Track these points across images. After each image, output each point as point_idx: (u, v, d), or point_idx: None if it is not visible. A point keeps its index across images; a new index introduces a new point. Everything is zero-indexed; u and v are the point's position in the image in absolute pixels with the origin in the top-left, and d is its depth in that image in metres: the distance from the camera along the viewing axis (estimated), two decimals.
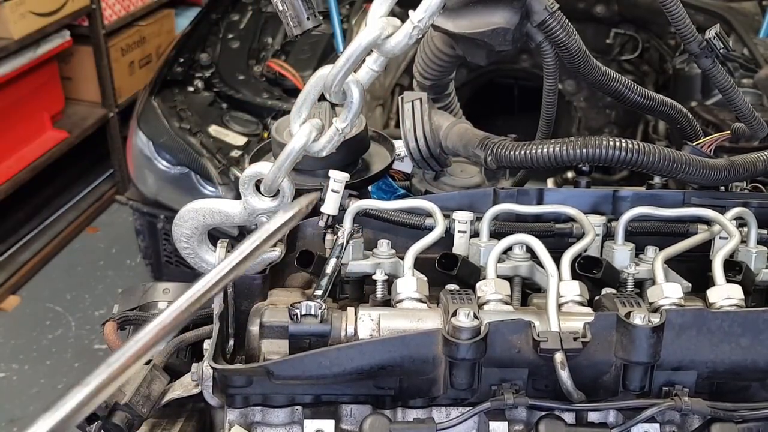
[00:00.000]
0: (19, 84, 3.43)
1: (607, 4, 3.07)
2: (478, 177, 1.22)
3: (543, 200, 1.01)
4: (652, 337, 0.77)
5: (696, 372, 0.81)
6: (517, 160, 1.01)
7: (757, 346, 0.80)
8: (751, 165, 1.03)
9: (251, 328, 0.89)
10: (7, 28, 3.21)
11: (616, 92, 1.08)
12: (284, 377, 0.80)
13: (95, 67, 3.81)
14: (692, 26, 1.01)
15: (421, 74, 1.23)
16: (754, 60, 2.48)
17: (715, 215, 0.95)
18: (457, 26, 1.03)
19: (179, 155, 2.55)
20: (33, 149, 3.55)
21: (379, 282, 0.90)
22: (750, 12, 2.79)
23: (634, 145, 0.96)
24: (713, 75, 1.04)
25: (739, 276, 0.91)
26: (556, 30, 1.01)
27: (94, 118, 3.85)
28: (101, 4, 3.72)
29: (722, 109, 2.33)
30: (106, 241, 3.80)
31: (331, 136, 0.83)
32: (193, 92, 2.79)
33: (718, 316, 0.80)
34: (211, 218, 0.89)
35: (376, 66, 0.79)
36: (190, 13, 3.94)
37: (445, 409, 0.83)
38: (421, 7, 0.76)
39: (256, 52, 2.96)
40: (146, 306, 1.02)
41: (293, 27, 0.88)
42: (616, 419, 0.82)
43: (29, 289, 3.49)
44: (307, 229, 1.00)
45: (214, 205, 0.89)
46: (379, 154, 1.16)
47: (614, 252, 0.95)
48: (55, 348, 3.16)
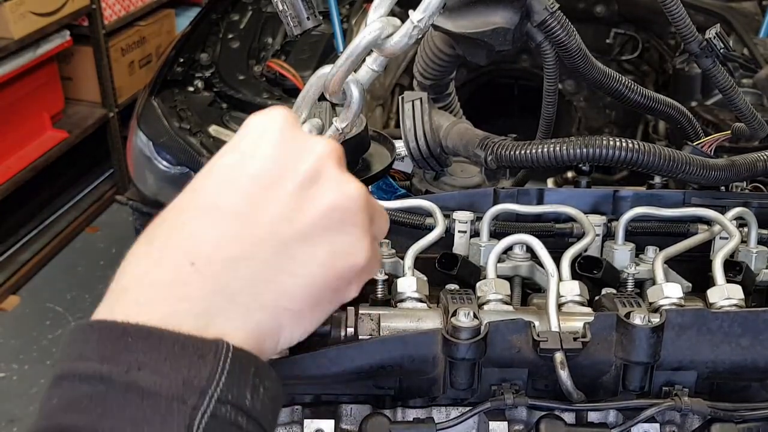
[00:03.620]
0: (19, 84, 3.43)
1: (607, 3, 3.06)
2: (478, 177, 1.22)
3: (543, 200, 1.01)
4: (652, 337, 0.77)
5: (696, 372, 0.81)
6: (518, 160, 1.01)
7: (757, 346, 0.80)
8: (751, 165, 1.03)
9: None
10: (7, 28, 3.21)
11: (617, 92, 1.07)
12: (284, 377, 0.80)
13: (95, 67, 3.81)
14: (692, 26, 1.01)
15: (422, 74, 1.23)
16: (754, 60, 2.48)
17: (716, 215, 0.94)
18: (457, 26, 1.03)
19: (179, 155, 2.55)
20: (33, 149, 3.55)
21: (379, 282, 0.90)
22: (750, 12, 2.79)
23: (634, 144, 0.95)
24: (713, 75, 1.04)
25: (740, 276, 0.91)
26: (556, 30, 1.01)
27: (94, 118, 3.85)
28: (101, 4, 3.72)
29: (722, 109, 2.33)
30: (106, 241, 3.80)
31: (331, 136, 0.83)
32: (193, 92, 2.79)
33: (718, 316, 0.80)
34: None
35: (376, 66, 0.79)
36: (190, 13, 3.94)
37: (444, 408, 0.83)
38: (421, 7, 0.76)
39: (256, 52, 2.96)
40: None
41: (293, 27, 0.88)
42: (616, 419, 0.82)
43: (29, 289, 3.49)
44: None
45: None
46: (380, 154, 1.16)
47: (614, 252, 0.95)
48: (55, 348, 3.16)
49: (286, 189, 0.55)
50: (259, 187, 0.55)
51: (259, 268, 0.54)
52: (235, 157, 0.57)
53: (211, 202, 0.55)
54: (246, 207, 0.54)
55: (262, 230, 0.54)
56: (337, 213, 0.56)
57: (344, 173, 0.59)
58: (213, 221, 0.54)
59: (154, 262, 0.53)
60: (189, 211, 0.55)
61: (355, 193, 0.58)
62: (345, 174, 0.59)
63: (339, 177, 0.58)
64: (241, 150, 0.57)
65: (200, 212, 0.55)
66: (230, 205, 0.54)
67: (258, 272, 0.54)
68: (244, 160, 0.56)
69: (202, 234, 0.54)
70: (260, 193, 0.55)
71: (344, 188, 0.57)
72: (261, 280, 0.54)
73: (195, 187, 0.57)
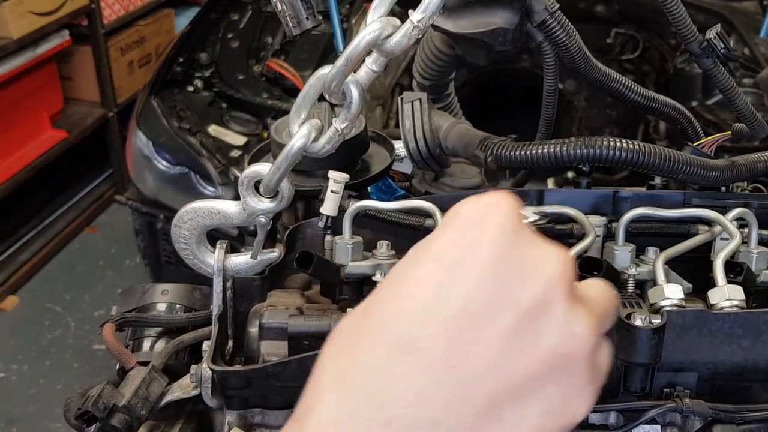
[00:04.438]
0: (18, 84, 3.42)
1: (608, 3, 3.06)
2: (478, 178, 1.21)
3: (543, 201, 1.00)
4: (653, 338, 0.77)
5: (697, 373, 0.81)
6: (518, 161, 1.01)
7: (758, 347, 0.80)
8: (752, 165, 1.03)
9: (250, 329, 0.89)
10: (7, 28, 3.20)
11: (617, 92, 1.07)
12: (283, 379, 0.80)
13: (94, 66, 3.81)
14: (693, 26, 1.01)
15: (421, 74, 1.23)
16: (754, 60, 2.48)
17: (716, 216, 0.94)
18: (456, 26, 1.03)
19: (179, 155, 2.55)
20: (32, 149, 3.54)
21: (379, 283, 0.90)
22: (751, 11, 2.79)
23: (634, 145, 0.95)
24: (714, 75, 1.04)
25: (740, 277, 0.91)
26: (556, 30, 1.00)
27: (94, 117, 3.85)
28: (100, 3, 3.71)
29: (723, 109, 2.33)
30: (105, 241, 3.80)
31: (331, 137, 0.82)
32: (192, 92, 2.79)
33: (719, 317, 0.80)
34: (210, 219, 0.89)
35: (376, 66, 0.78)
36: (190, 13, 3.93)
37: None
38: (421, 7, 0.76)
39: (256, 52, 2.95)
40: (145, 307, 1.01)
41: (292, 27, 0.88)
42: (617, 421, 0.81)
43: (28, 290, 3.49)
44: (307, 229, 1.00)
45: (213, 205, 0.89)
46: (379, 155, 1.15)
47: (615, 253, 0.95)
48: (54, 348, 3.15)
49: (501, 326, 0.44)
50: (468, 324, 0.44)
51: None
52: (440, 275, 0.45)
53: (407, 339, 0.44)
54: (448, 351, 0.43)
55: (467, 385, 0.43)
56: (559, 360, 0.45)
57: (576, 305, 0.46)
58: (409, 368, 0.44)
59: (344, 414, 0.44)
60: (380, 344, 0.45)
61: (584, 334, 0.45)
62: (577, 306, 0.46)
63: (569, 311, 0.45)
64: (450, 262, 0.45)
65: (393, 351, 0.44)
66: (430, 349, 0.43)
67: None
68: (451, 279, 0.44)
69: (399, 386, 0.43)
70: (468, 332, 0.44)
71: (574, 328, 0.45)
72: None
73: (384, 302, 0.46)
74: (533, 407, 0.44)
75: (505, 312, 0.44)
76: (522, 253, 0.45)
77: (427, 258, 0.46)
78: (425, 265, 0.45)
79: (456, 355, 0.43)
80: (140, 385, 0.85)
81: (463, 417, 0.43)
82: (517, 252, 0.45)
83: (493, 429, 0.44)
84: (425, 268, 0.45)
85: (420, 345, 0.44)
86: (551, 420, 0.45)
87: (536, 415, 0.45)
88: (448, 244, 0.46)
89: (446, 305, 0.44)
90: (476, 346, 0.44)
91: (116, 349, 0.91)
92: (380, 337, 0.45)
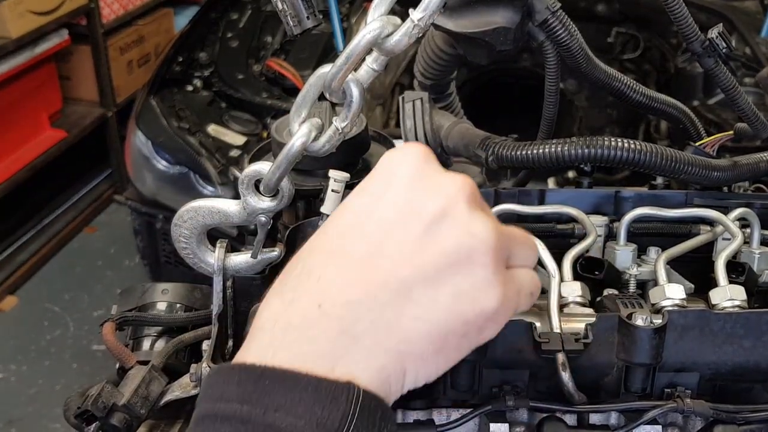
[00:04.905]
0: (17, 83, 3.42)
1: (609, 2, 3.06)
2: (479, 177, 1.21)
3: (545, 200, 1.00)
4: (654, 338, 0.77)
5: (698, 373, 0.81)
6: (519, 160, 1.00)
7: (759, 347, 0.79)
8: (754, 165, 1.03)
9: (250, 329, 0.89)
10: (6, 27, 3.20)
11: (619, 92, 1.07)
12: None
13: (93, 66, 3.81)
14: (695, 25, 1.00)
15: (422, 74, 1.23)
16: (756, 59, 2.48)
17: (718, 216, 0.94)
18: (457, 25, 1.02)
19: (178, 155, 2.55)
20: (31, 149, 3.54)
21: None
22: (752, 11, 2.79)
23: (636, 145, 0.95)
24: (716, 75, 1.03)
25: (742, 277, 0.91)
26: (557, 29, 1.00)
27: (93, 117, 3.85)
28: (99, 3, 3.71)
29: (725, 109, 2.33)
30: (104, 241, 3.80)
31: (331, 136, 0.82)
32: (191, 91, 2.78)
33: (720, 318, 0.79)
34: (210, 218, 0.88)
35: (376, 65, 0.78)
36: (189, 12, 3.93)
37: (445, 410, 0.82)
38: (422, 6, 0.75)
39: (256, 51, 2.95)
40: (145, 306, 1.01)
41: (293, 26, 0.88)
42: (618, 421, 0.81)
43: (27, 290, 3.48)
44: (308, 229, 0.99)
45: (213, 204, 0.89)
46: (380, 154, 1.15)
47: (616, 253, 0.94)
48: (53, 348, 3.15)
49: (411, 231, 0.55)
50: (384, 231, 0.56)
51: (381, 311, 0.54)
52: (364, 201, 0.58)
53: (339, 247, 0.57)
54: (370, 252, 0.55)
55: (383, 273, 0.55)
56: (462, 254, 0.55)
57: (474, 211, 0.57)
58: (339, 266, 0.56)
59: (286, 304, 0.56)
60: (319, 255, 0.58)
61: (483, 233, 0.56)
62: (476, 212, 0.57)
63: (467, 216, 0.56)
64: (371, 192, 0.58)
65: (328, 257, 0.57)
66: (355, 251, 0.56)
67: (379, 315, 0.54)
68: (372, 203, 0.57)
69: (328, 278, 0.55)
70: (385, 237, 0.55)
71: (472, 228, 0.56)
72: (382, 323, 0.54)
73: (326, 230, 0.59)
74: (442, 293, 0.55)
75: (414, 221, 0.55)
76: (427, 179, 0.58)
77: (356, 192, 0.60)
78: (354, 197, 0.59)
79: (375, 254, 0.55)
80: (140, 385, 0.85)
81: (380, 297, 0.54)
82: (423, 179, 0.57)
83: (407, 307, 0.54)
84: (354, 198, 0.59)
85: (348, 249, 0.56)
86: (462, 304, 0.55)
87: (446, 298, 0.55)
88: (370, 179, 0.59)
89: (368, 220, 0.56)
90: (391, 248, 0.55)
91: (116, 348, 0.91)
92: (318, 249, 0.58)
